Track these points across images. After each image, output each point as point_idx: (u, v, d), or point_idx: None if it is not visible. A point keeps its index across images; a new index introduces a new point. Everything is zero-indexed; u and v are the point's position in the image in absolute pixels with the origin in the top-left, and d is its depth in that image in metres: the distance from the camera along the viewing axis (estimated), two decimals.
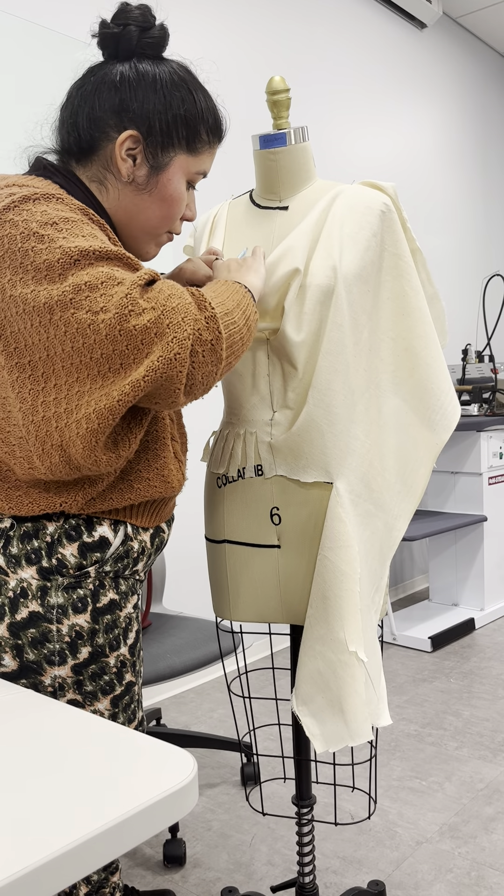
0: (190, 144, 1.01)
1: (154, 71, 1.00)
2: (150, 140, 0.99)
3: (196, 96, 1.01)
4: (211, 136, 1.04)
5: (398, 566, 3.88)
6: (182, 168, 1.02)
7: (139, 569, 1.09)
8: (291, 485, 1.17)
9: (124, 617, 1.05)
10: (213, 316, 0.88)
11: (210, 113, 1.03)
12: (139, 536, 1.06)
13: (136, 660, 1.08)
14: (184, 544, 2.77)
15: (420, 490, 1.23)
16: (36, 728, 0.71)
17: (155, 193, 1.02)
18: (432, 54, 4.00)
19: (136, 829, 0.58)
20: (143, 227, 1.04)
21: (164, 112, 0.99)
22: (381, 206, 1.14)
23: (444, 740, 2.30)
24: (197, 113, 1.01)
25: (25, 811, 0.57)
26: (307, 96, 3.23)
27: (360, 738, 1.12)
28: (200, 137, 1.02)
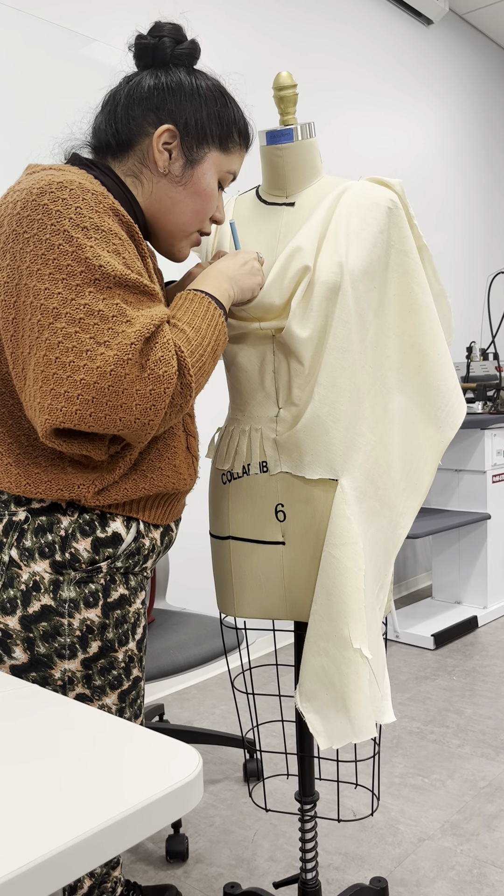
0: (223, 143, 1.06)
1: (188, 78, 1.06)
2: (186, 135, 1.04)
3: (228, 101, 1.08)
4: (241, 139, 1.09)
5: (401, 564, 3.88)
6: (215, 164, 1.06)
7: (148, 565, 1.10)
8: (296, 481, 1.17)
9: (133, 612, 1.07)
10: (189, 383, 0.93)
11: (241, 117, 1.09)
12: (151, 534, 1.08)
13: (142, 655, 1.09)
14: (187, 540, 2.77)
15: (425, 487, 1.23)
16: (42, 723, 0.71)
17: (189, 187, 1.05)
18: (438, 51, 3.99)
19: (140, 824, 0.58)
20: (177, 222, 1.07)
21: (200, 110, 1.04)
22: (388, 202, 1.14)
23: (447, 738, 2.30)
24: (229, 114, 1.07)
25: (31, 805, 0.57)
26: (313, 92, 3.23)
27: (364, 734, 1.12)
28: (232, 138, 1.07)
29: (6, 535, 1.01)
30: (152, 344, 0.89)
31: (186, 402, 0.94)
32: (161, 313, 0.91)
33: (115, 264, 0.89)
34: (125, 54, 2.45)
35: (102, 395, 0.86)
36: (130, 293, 0.90)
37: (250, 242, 1.20)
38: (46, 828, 0.54)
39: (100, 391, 0.86)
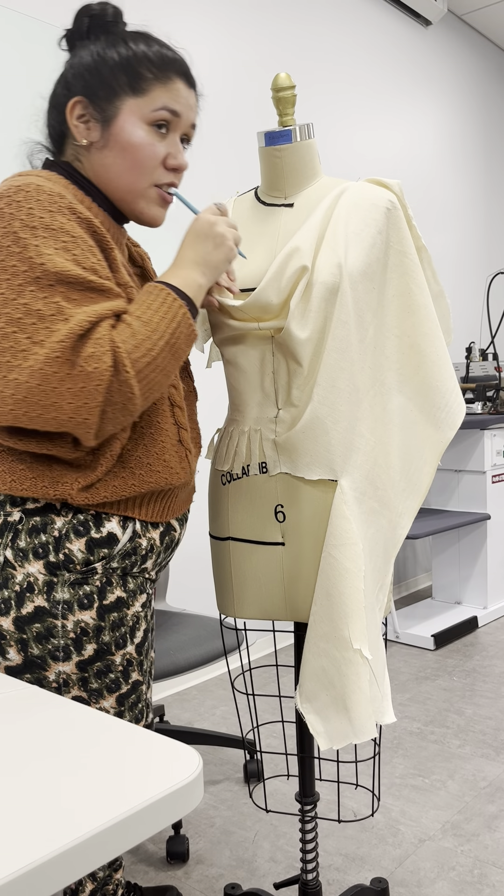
0: (134, 86, 1.00)
1: (92, 46, 1.02)
2: (95, 98, 1.00)
3: (130, 44, 1.01)
4: (158, 70, 1.00)
5: (401, 564, 3.88)
6: (133, 112, 1.00)
7: (148, 567, 1.09)
8: (296, 482, 1.17)
9: (132, 615, 1.05)
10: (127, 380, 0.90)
11: (150, 52, 1.01)
12: (148, 533, 1.07)
13: (143, 659, 1.08)
14: (187, 541, 2.77)
15: (425, 488, 1.23)
16: (42, 724, 0.71)
17: (113, 146, 1.01)
18: (437, 52, 3.99)
19: (141, 825, 0.58)
20: (119, 186, 1.03)
21: (99, 66, 1.00)
22: (387, 203, 1.14)
23: (447, 738, 2.30)
24: (132, 56, 1.00)
25: (31, 806, 0.57)
26: (312, 93, 3.23)
27: (364, 735, 1.12)
28: (143, 76, 1.00)
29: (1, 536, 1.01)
30: (85, 340, 0.88)
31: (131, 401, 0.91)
32: (104, 308, 0.90)
33: (59, 261, 0.89)
34: None
35: (33, 394, 0.86)
36: (75, 290, 0.89)
37: (250, 244, 1.20)
38: (47, 828, 0.54)
39: (30, 390, 0.86)
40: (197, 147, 2.74)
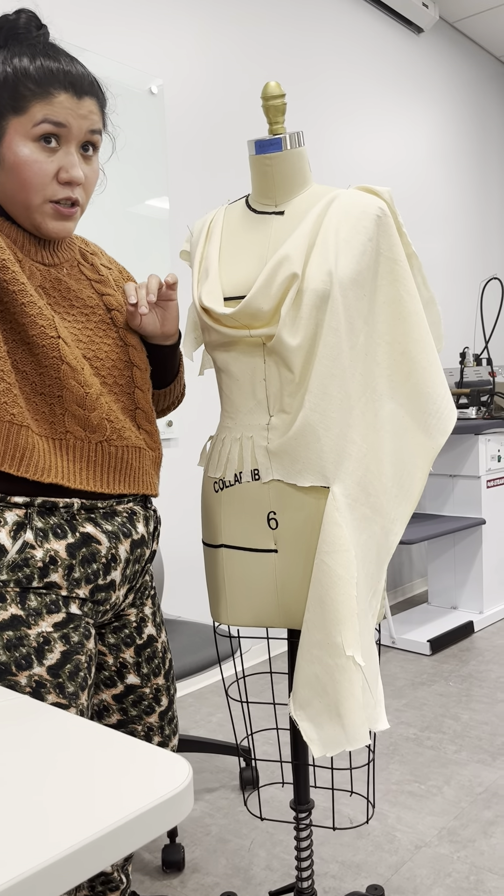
0: (15, 105, 0.98)
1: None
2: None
3: (13, 60, 0.98)
4: (36, 87, 0.98)
5: (397, 569, 3.88)
6: (17, 131, 0.98)
7: (56, 581, 1.01)
8: (288, 489, 1.17)
9: (36, 636, 0.98)
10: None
11: (33, 70, 0.98)
12: (47, 544, 1.00)
13: (64, 681, 0.99)
14: (180, 549, 2.77)
15: (416, 494, 1.23)
16: (28, 733, 0.71)
17: (4, 165, 1.00)
18: (429, 59, 4.01)
19: (130, 835, 0.58)
20: (15, 202, 1.02)
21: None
22: (377, 210, 1.15)
23: (443, 744, 2.30)
24: (11, 73, 0.98)
25: (16, 818, 0.57)
26: (304, 101, 3.24)
27: (358, 742, 1.12)
28: (22, 94, 0.97)
29: None
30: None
31: None
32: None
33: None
34: (119, 66, 2.46)
35: None
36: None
37: (240, 252, 1.20)
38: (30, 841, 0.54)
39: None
40: (187, 156, 2.75)
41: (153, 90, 2.59)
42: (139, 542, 1.10)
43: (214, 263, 1.19)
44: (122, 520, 1.08)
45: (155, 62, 2.62)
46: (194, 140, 2.77)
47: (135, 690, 1.17)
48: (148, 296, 1.07)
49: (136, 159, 2.53)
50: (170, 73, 2.67)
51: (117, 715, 1.17)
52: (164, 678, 1.20)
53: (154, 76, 2.60)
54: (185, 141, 2.73)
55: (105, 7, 2.45)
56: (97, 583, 1.04)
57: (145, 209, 2.57)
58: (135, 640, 1.16)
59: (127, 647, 1.16)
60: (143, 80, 2.55)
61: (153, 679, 1.18)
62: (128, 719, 1.18)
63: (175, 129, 2.70)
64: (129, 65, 2.53)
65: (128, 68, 2.50)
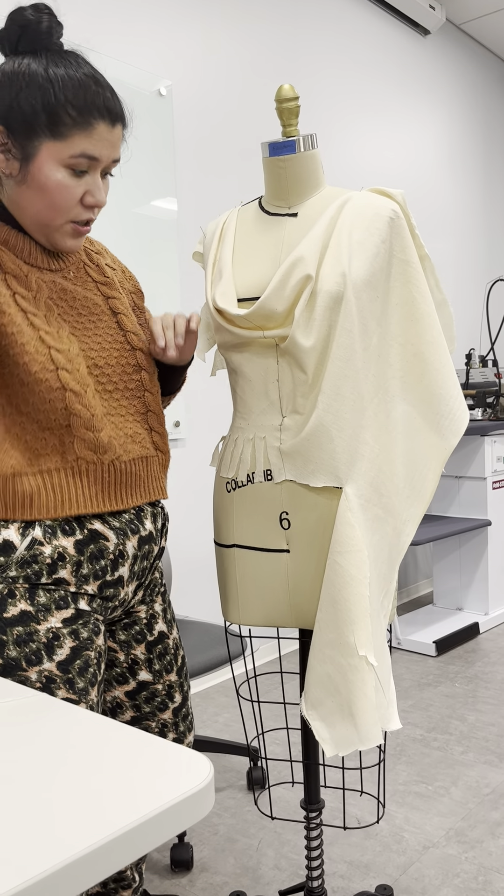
0: (53, 130, 0.97)
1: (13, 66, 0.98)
2: (14, 132, 0.98)
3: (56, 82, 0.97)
4: (78, 116, 0.97)
5: (402, 570, 3.88)
6: (52, 155, 0.98)
7: (65, 577, 1.02)
8: (301, 489, 1.17)
9: (45, 631, 1.00)
10: None
11: (75, 94, 0.97)
12: (55, 541, 1.01)
13: (74, 677, 1.01)
14: (191, 548, 2.78)
15: (429, 495, 1.23)
16: (50, 731, 0.72)
17: (31, 184, 1.00)
18: (436, 61, 4.01)
19: (151, 833, 0.58)
20: (36, 220, 1.02)
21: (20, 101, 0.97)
22: (390, 212, 1.15)
23: (450, 745, 2.30)
24: (54, 97, 0.96)
25: (39, 815, 0.57)
26: (311, 104, 3.25)
27: (370, 741, 1.12)
28: (63, 121, 0.97)
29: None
30: None
31: None
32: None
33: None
34: (128, 67, 2.47)
35: None
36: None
37: (254, 253, 1.21)
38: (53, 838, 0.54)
39: None
40: (196, 157, 2.76)
41: (162, 91, 2.60)
42: (147, 538, 1.11)
43: (228, 265, 1.20)
44: (130, 516, 1.09)
45: (164, 63, 2.63)
46: (203, 141, 2.78)
47: (147, 687, 1.18)
48: (176, 339, 1.11)
49: (144, 160, 2.54)
50: (178, 74, 2.68)
51: (131, 712, 1.18)
52: (177, 675, 1.21)
53: (163, 77, 2.61)
54: (193, 142, 2.74)
55: (114, 8, 2.46)
56: (105, 579, 1.05)
57: (153, 210, 2.58)
58: (145, 636, 1.17)
59: (138, 643, 1.17)
60: (151, 82, 2.56)
61: (165, 675, 1.19)
62: (141, 716, 1.19)
63: (183, 130, 2.71)
64: (138, 66, 2.53)
65: (136, 69, 2.51)
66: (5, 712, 0.76)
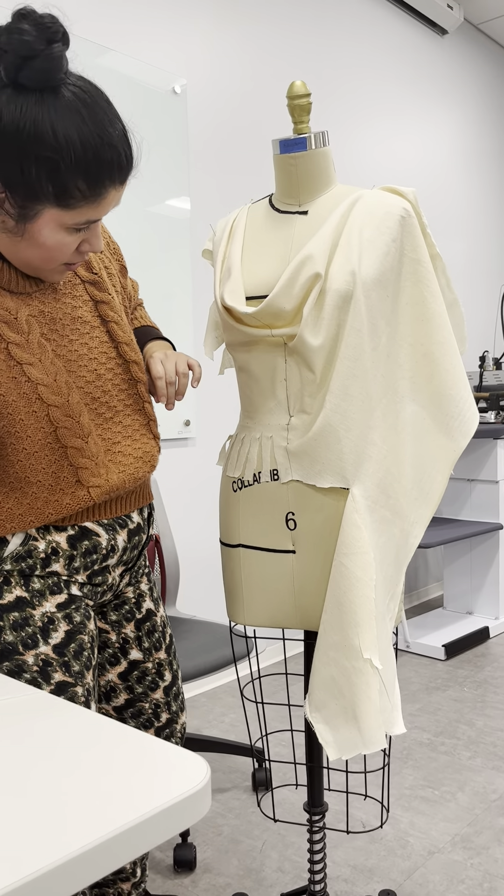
0: (60, 199, 0.89)
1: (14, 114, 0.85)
2: (14, 193, 0.89)
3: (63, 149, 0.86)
4: (89, 191, 0.90)
5: (412, 573, 3.86)
6: (54, 220, 0.92)
7: (58, 570, 1.05)
8: (307, 490, 1.16)
9: (41, 616, 1.03)
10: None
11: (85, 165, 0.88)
12: (48, 536, 1.04)
13: (69, 660, 1.04)
14: (197, 548, 2.77)
15: (437, 497, 1.22)
16: (46, 729, 0.71)
17: (28, 240, 0.94)
18: (453, 60, 3.99)
19: (147, 834, 0.57)
20: (27, 263, 0.98)
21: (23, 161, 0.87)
22: (401, 211, 1.14)
23: (458, 750, 2.28)
24: (62, 168, 0.87)
25: (34, 815, 0.57)
26: (327, 102, 3.23)
27: (374, 745, 1.11)
28: (71, 194, 0.89)
29: None
30: None
31: None
32: None
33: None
34: (142, 66, 2.46)
35: None
36: None
37: (263, 251, 1.20)
38: (47, 837, 0.54)
39: None
40: (209, 156, 2.75)
41: (176, 90, 2.59)
42: (135, 530, 1.14)
43: (237, 263, 1.19)
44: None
45: (178, 62, 2.62)
46: (216, 140, 2.77)
47: (138, 666, 1.21)
48: (177, 396, 1.14)
49: (157, 159, 2.54)
50: (193, 73, 2.67)
51: (124, 694, 1.21)
52: (166, 653, 1.24)
53: (177, 76, 2.60)
54: (207, 141, 2.74)
55: (129, 7, 2.46)
56: (94, 569, 1.09)
57: (166, 209, 2.57)
58: (135, 614, 1.20)
59: (128, 622, 1.20)
60: (166, 80, 2.56)
61: (155, 653, 1.22)
62: (135, 697, 1.21)
63: (197, 129, 2.70)
64: (153, 64, 2.53)
65: (151, 68, 2.51)
66: (3, 710, 0.76)
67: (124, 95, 2.42)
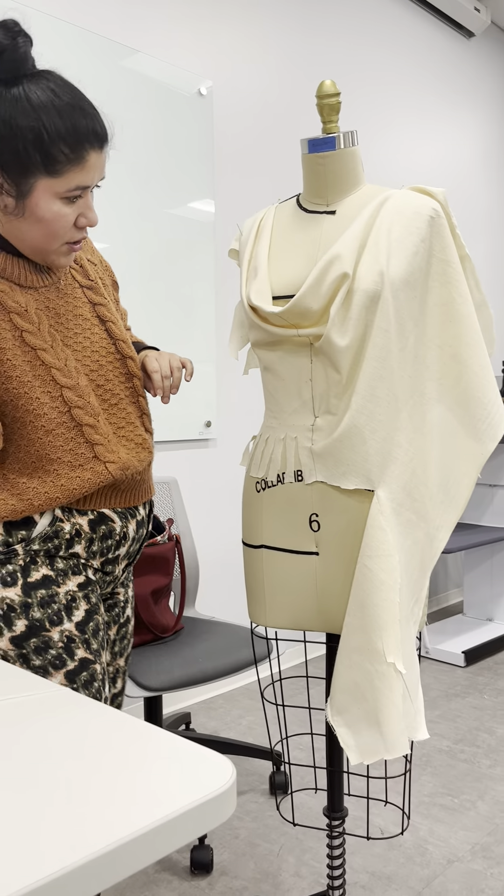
0: (48, 167, 1.00)
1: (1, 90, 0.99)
2: (6, 170, 1.00)
3: (43, 118, 0.98)
4: (71, 153, 1.00)
5: (432, 578, 3.83)
6: (48, 190, 1.01)
7: (79, 552, 1.12)
8: (332, 491, 1.15)
9: (64, 594, 1.09)
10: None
11: (65, 130, 0.99)
12: (73, 518, 1.11)
13: (89, 637, 1.10)
14: (218, 549, 2.77)
15: (463, 501, 1.21)
16: (73, 727, 0.71)
17: (28, 217, 1.03)
18: (479, 63, 3.96)
19: (171, 834, 0.57)
20: (33, 246, 1.06)
21: (11, 140, 0.98)
22: (430, 211, 1.13)
23: (478, 758, 2.25)
24: (45, 136, 0.98)
25: (58, 813, 0.57)
26: (354, 103, 3.22)
27: (397, 751, 1.10)
28: (57, 158, 0.99)
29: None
30: None
31: None
32: None
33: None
34: (169, 67, 2.47)
35: None
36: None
37: (290, 251, 1.19)
38: (73, 836, 0.53)
39: None
40: (234, 158, 2.75)
41: (202, 91, 2.60)
42: (142, 522, 1.21)
43: (264, 262, 1.18)
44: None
45: (204, 64, 2.63)
46: (241, 142, 2.77)
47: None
48: (172, 390, 1.20)
49: (182, 161, 2.54)
50: (219, 74, 2.67)
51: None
52: (125, 661, 1.29)
53: (203, 77, 2.61)
54: (232, 143, 2.74)
55: (155, 8, 2.46)
56: (108, 556, 1.16)
57: (189, 211, 2.58)
58: (119, 619, 1.26)
59: (114, 624, 1.25)
60: (192, 82, 2.56)
61: (118, 659, 1.26)
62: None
63: (222, 130, 2.70)
64: (179, 66, 2.54)
65: (177, 69, 2.51)
66: (28, 706, 0.76)
67: (150, 97, 2.43)
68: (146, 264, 2.44)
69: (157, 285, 2.48)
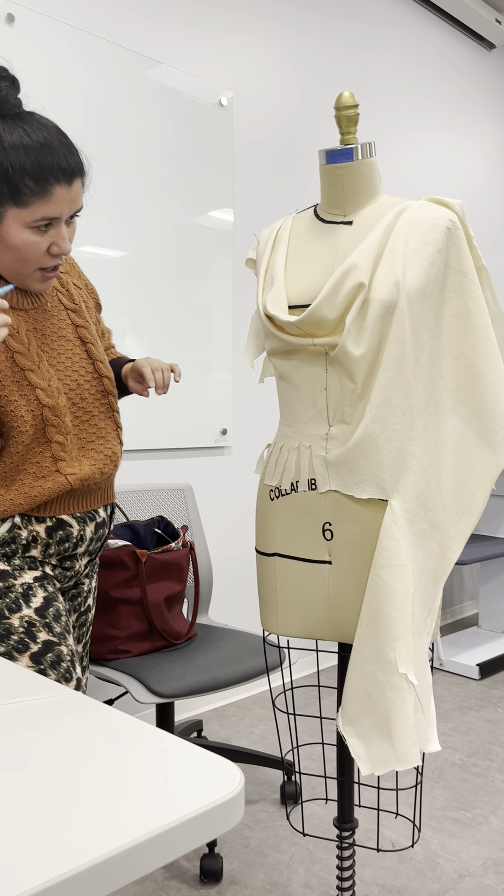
0: (15, 199, 1.07)
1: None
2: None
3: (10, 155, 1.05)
4: (35, 186, 1.06)
5: (447, 590, 3.80)
6: (16, 220, 1.08)
7: (35, 555, 1.21)
8: (345, 500, 1.15)
9: (21, 584, 1.18)
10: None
11: (29, 166, 1.05)
12: (31, 526, 1.20)
13: (51, 622, 1.18)
14: (231, 557, 2.77)
15: (477, 512, 1.20)
16: (81, 731, 0.71)
17: (2, 244, 1.10)
18: (499, 75, 3.96)
19: (178, 840, 0.57)
20: (10, 271, 1.13)
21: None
22: (447, 222, 1.13)
23: (491, 772, 2.23)
24: (10, 171, 1.05)
25: (66, 816, 0.57)
26: (373, 114, 3.23)
27: (408, 762, 1.09)
28: (22, 191, 1.06)
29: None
30: None
31: None
32: None
33: None
34: (190, 78, 2.49)
35: None
36: None
37: (307, 260, 1.20)
38: (79, 840, 0.54)
39: None
40: (254, 168, 2.77)
41: (223, 102, 2.62)
42: (101, 524, 1.30)
43: (280, 272, 1.19)
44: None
45: (225, 74, 2.65)
46: (261, 152, 2.79)
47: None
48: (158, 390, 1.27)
49: (202, 171, 2.56)
50: (239, 85, 2.69)
51: None
52: (83, 648, 1.35)
53: (224, 88, 2.63)
54: (252, 153, 2.75)
55: (177, 20, 2.49)
56: (65, 555, 1.25)
57: (209, 220, 2.59)
58: (80, 608, 1.35)
59: (75, 611, 1.34)
60: (213, 92, 2.58)
61: (76, 645, 1.33)
62: None
63: (243, 141, 2.72)
64: (200, 76, 2.56)
65: (198, 80, 2.53)
66: (40, 710, 0.77)
67: (172, 107, 2.45)
68: (165, 272, 2.46)
69: (175, 293, 2.49)
